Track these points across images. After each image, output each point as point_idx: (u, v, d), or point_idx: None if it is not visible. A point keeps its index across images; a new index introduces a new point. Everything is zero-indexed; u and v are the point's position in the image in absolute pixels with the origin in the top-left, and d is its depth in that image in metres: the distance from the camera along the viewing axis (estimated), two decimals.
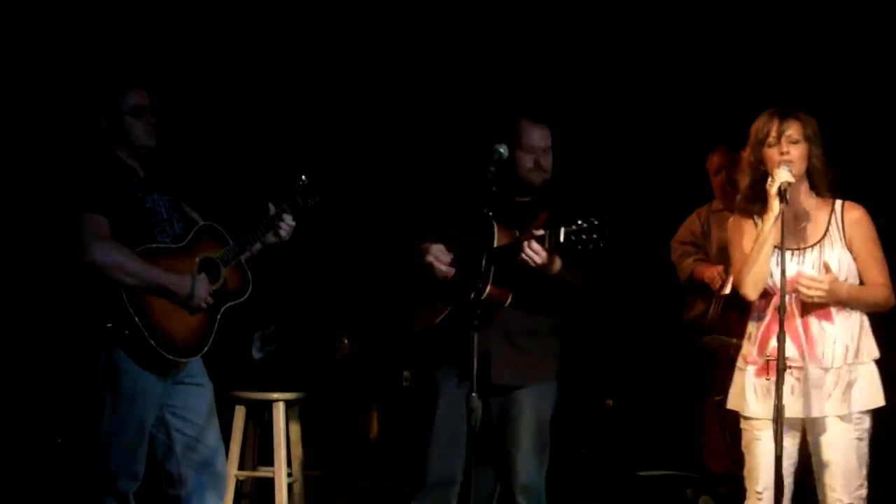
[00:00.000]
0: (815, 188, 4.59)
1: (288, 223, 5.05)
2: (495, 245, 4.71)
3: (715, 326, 6.48)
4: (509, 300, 4.86)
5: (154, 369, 4.77)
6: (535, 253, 4.69)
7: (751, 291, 4.59)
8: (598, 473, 7.16)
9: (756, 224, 4.61)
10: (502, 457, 4.91)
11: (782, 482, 4.36)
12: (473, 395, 4.29)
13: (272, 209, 5.05)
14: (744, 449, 4.64)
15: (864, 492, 4.49)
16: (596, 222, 4.59)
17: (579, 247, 4.60)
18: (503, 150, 4.67)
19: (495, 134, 4.89)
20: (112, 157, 4.89)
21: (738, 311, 6.39)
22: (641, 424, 7.65)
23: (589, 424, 7.42)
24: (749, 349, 4.63)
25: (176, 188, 5.06)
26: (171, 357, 4.76)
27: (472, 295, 4.53)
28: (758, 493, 4.54)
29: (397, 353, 6.45)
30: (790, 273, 4.47)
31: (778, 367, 4.31)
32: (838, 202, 4.60)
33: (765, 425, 4.52)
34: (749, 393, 4.59)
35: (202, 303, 4.83)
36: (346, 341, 6.76)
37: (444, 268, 4.95)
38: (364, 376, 6.51)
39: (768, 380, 4.51)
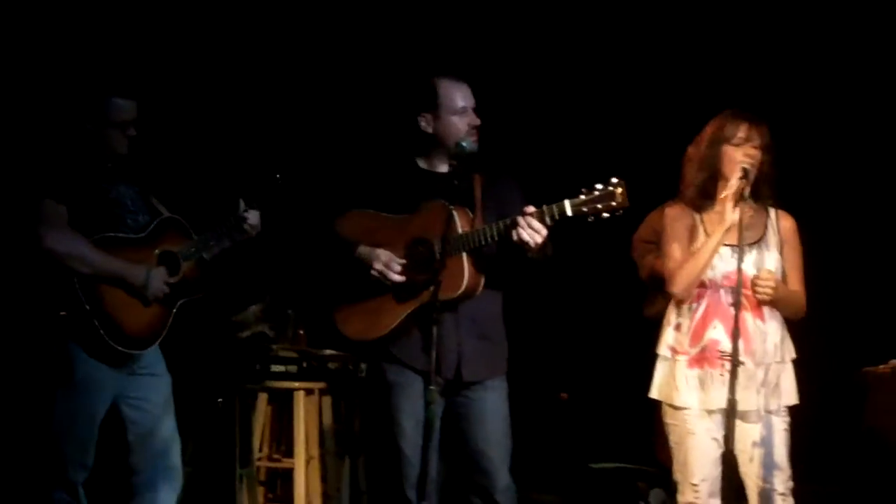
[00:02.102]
0: (754, 194, 4.61)
1: (253, 220, 5.03)
2: (460, 231, 4.51)
3: None
4: (481, 287, 4.63)
5: (107, 360, 4.75)
6: (536, 232, 4.42)
7: (684, 289, 4.63)
8: (552, 466, 7.19)
9: (696, 220, 4.65)
10: (473, 455, 4.68)
11: (734, 475, 4.42)
12: (431, 388, 4.23)
13: (242, 206, 5.04)
14: (674, 443, 4.67)
15: (792, 484, 4.55)
16: (608, 188, 4.38)
17: (590, 219, 4.37)
18: (466, 143, 4.59)
19: (415, 103, 4.73)
20: (81, 149, 4.87)
21: None
22: (595, 418, 7.70)
23: (543, 417, 7.45)
24: (679, 340, 4.64)
25: (145, 181, 5.05)
26: (119, 348, 4.75)
27: (449, 291, 4.45)
28: (694, 485, 4.57)
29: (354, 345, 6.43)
30: (729, 269, 4.53)
31: (733, 362, 4.34)
32: (772, 209, 4.66)
33: (698, 418, 4.56)
34: (681, 383, 4.61)
35: (157, 294, 4.81)
36: (301, 332, 6.75)
37: (397, 277, 4.62)
38: (320, 367, 6.50)
39: (703, 370, 4.56)
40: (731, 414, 4.33)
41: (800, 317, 4.67)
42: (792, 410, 4.64)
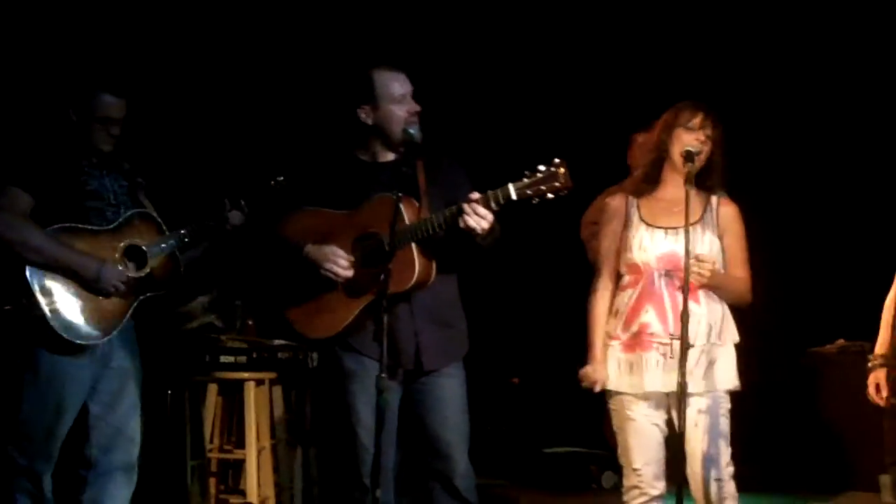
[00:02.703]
0: (700, 183, 4.61)
1: (235, 220, 5.05)
2: (407, 222, 4.50)
3: None
4: (433, 276, 4.61)
5: (68, 351, 4.73)
6: (482, 218, 4.41)
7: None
8: (504, 450, 7.22)
9: (633, 206, 4.68)
10: (432, 440, 4.67)
11: (684, 456, 4.41)
12: (383, 376, 4.20)
13: (227, 206, 5.03)
14: (616, 428, 4.68)
15: (731, 469, 4.55)
16: (551, 169, 4.38)
17: (535, 201, 4.37)
18: (414, 130, 4.58)
19: (353, 96, 4.71)
20: (63, 140, 4.86)
21: None
22: (547, 402, 7.73)
23: (495, 402, 7.47)
24: (614, 324, 4.66)
25: (135, 177, 5.04)
26: (67, 338, 4.73)
27: (401, 284, 4.45)
28: (636, 469, 4.60)
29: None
30: (663, 251, 4.56)
31: (682, 346, 4.34)
32: (714, 196, 4.67)
33: (634, 402, 4.59)
34: (612, 367, 4.63)
35: (111, 287, 4.78)
36: (250, 322, 6.72)
37: (346, 273, 4.60)
38: (270, 357, 6.47)
39: (635, 354, 4.58)
40: (681, 396, 4.33)
41: (744, 303, 4.66)
42: (735, 395, 4.64)
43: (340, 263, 4.59)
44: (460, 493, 4.67)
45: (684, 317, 4.37)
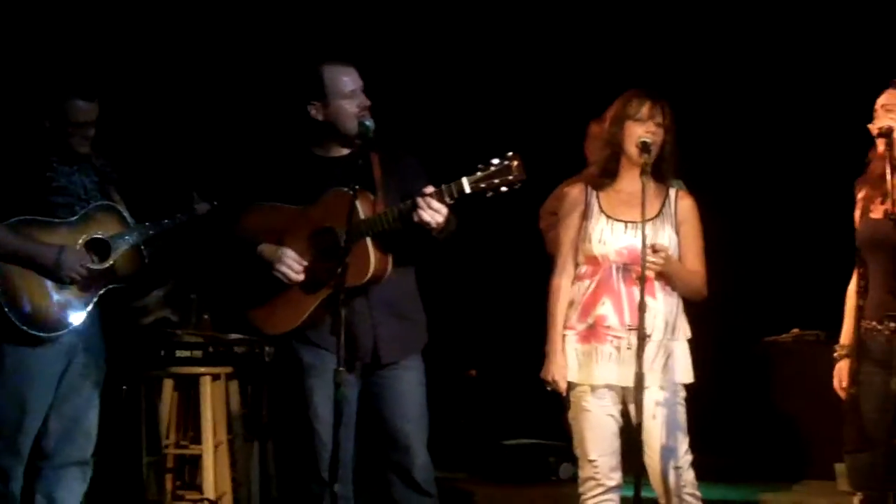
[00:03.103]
0: (656, 173, 4.62)
1: (202, 211, 5.11)
2: (362, 216, 4.49)
3: None
4: (389, 270, 4.61)
5: (31, 344, 4.73)
6: (436, 212, 4.41)
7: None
8: (462, 443, 7.21)
9: (593, 198, 4.68)
10: (391, 432, 4.66)
11: (642, 448, 4.45)
12: (341, 369, 4.20)
13: (195, 198, 5.06)
14: (571, 419, 4.69)
15: (690, 458, 4.58)
16: (504, 162, 4.38)
17: (490, 194, 4.38)
18: (369, 122, 4.55)
19: (303, 93, 4.69)
20: (36, 141, 4.88)
21: None
22: (505, 394, 7.73)
23: (453, 394, 7.47)
24: (569, 315, 4.67)
25: (107, 173, 5.06)
26: (28, 331, 4.73)
27: (356, 278, 4.44)
28: (592, 461, 4.60)
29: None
30: (622, 244, 4.57)
31: (639, 336, 4.36)
32: (673, 189, 4.70)
33: (587, 393, 4.60)
34: (570, 358, 4.64)
35: (72, 273, 4.77)
36: (206, 317, 6.69)
37: (298, 277, 4.58)
38: (226, 351, 6.44)
39: (590, 346, 4.59)
40: (638, 388, 4.34)
41: (699, 297, 4.69)
42: (691, 385, 4.66)
43: (293, 267, 4.59)
44: (419, 486, 4.67)
45: (641, 308, 4.38)
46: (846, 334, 4.76)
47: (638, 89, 4.67)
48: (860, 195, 4.77)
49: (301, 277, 4.59)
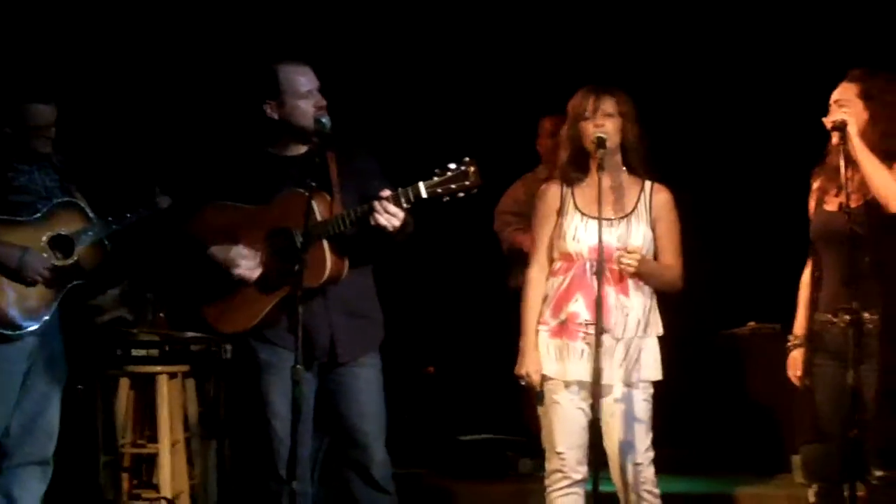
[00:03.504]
0: (627, 165, 4.69)
1: (164, 205, 5.12)
2: (319, 218, 4.49)
3: None
4: (345, 272, 4.62)
5: None
6: (393, 216, 4.44)
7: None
8: (420, 439, 7.21)
9: (567, 195, 4.70)
10: (349, 430, 4.68)
11: (601, 443, 4.46)
12: (299, 367, 4.20)
13: (157, 191, 5.08)
14: (541, 412, 4.72)
15: (651, 454, 4.62)
16: (461, 167, 4.41)
17: (446, 199, 4.42)
18: (325, 120, 4.56)
19: (258, 92, 4.69)
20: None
21: None
22: (463, 390, 7.74)
23: (411, 391, 7.47)
24: (543, 311, 4.69)
25: (69, 170, 5.07)
26: None
27: (313, 280, 4.45)
28: (559, 453, 4.62)
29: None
30: (595, 241, 4.55)
31: (597, 331, 4.38)
32: (648, 182, 4.71)
33: (559, 387, 4.62)
34: (543, 353, 4.66)
35: (34, 275, 4.77)
36: (162, 315, 6.66)
37: (253, 275, 4.58)
38: (182, 350, 6.41)
39: (562, 341, 4.61)
40: (596, 383, 4.36)
41: (674, 290, 4.73)
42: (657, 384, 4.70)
43: (248, 265, 4.59)
44: (377, 483, 4.68)
45: (598, 303, 4.40)
46: (799, 324, 4.79)
47: (586, 87, 4.71)
48: (815, 185, 4.80)
49: (257, 274, 4.58)
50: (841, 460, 4.47)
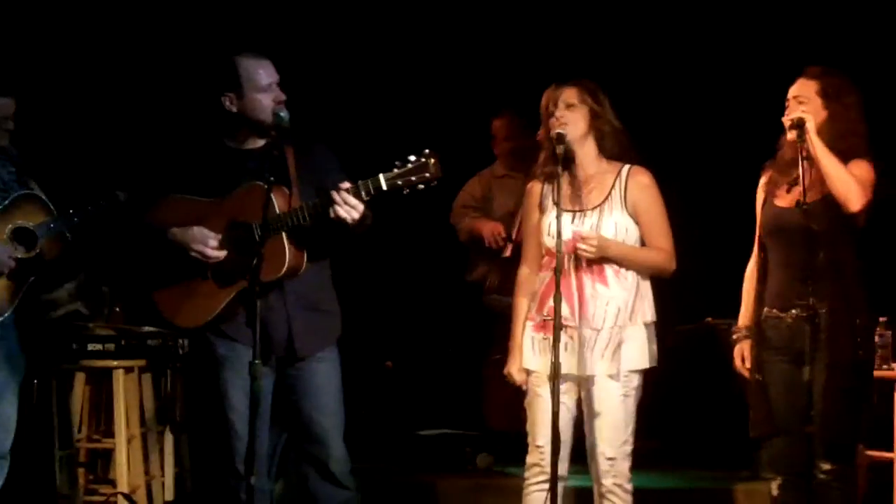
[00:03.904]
0: (604, 152, 4.68)
1: (124, 197, 5.08)
2: (278, 211, 4.48)
3: (496, 287, 6.61)
4: (304, 265, 4.60)
5: None
6: (352, 208, 4.43)
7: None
8: (379, 434, 7.21)
9: (548, 192, 4.70)
10: (307, 424, 4.67)
11: (559, 437, 4.40)
12: (257, 362, 4.18)
13: (121, 197, 5.05)
14: (526, 405, 4.72)
15: (628, 448, 4.60)
16: (421, 160, 4.40)
17: (406, 191, 4.39)
18: (284, 114, 4.53)
19: (217, 84, 4.67)
20: None
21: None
22: (421, 385, 7.75)
23: (369, 385, 7.47)
24: (531, 306, 4.70)
25: (26, 163, 5.05)
26: None
27: (271, 273, 4.43)
28: (538, 446, 4.62)
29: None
30: (569, 235, 4.56)
31: (555, 325, 4.37)
32: (626, 167, 4.67)
33: (543, 381, 4.60)
34: (527, 347, 4.67)
35: (3, 268, 4.74)
36: (118, 309, 6.62)
37: (215, 253, 4.55)
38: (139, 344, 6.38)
39: (545, 338, 4.60)
40: (554, 376, 4.33)
41: (667, 273, 4.68)
42: (650, 372, 4.68)
43: (209, 244, 4.55)
44: (336, 478, 4.67)
45: (556, 299, 4.38)
46: (744, 316, 4.80)
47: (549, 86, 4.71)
48: (764, 179, 4.81)
49: (218, 254, 4.55)
50: (802, 454, 4.49)
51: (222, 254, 4.56)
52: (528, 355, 4.68)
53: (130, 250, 4.79)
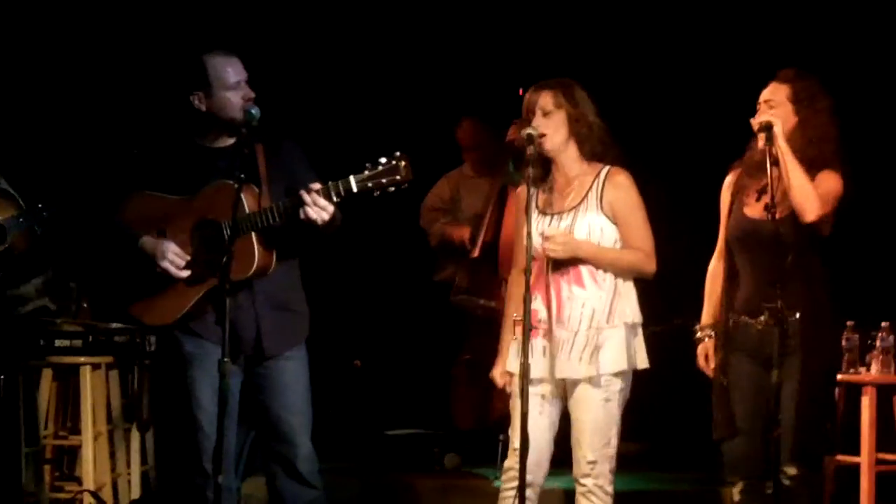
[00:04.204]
0: (585, 154, 4.63)
1: None
2: (247, 210, 4.47)
3: (464, 287, 6.62)
4: (273, 265, 4.59)
5: None
6: (322, 209, 4.42)
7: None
8: (347, 433, 7.20)
9: (531, 196, 4.67)
10: (274, 423, 4.65)
11: (527, 438, 4.33)
12: (225, 360, 4.20)
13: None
14: (510, 407, 4.64)
15: (609, 450, 4.53)
16: (392, 162, 4.39)
17: (376, 193, 4.39)
18: (255, 111, 4.52)
19: (186, 82, 4.64)
20: None
21: (487, 272, 6.56)
22: (389, 384, 7.75)
23: (337, 385, 7.46)
24: (517, 309, 4.62)
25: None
26: None
27: (240, 272, 4.42)
28: (514, 449, 4.53)
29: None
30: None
31: (524, 326, 4.35)
32: (605, 168, 4.62)
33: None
34: (513, 349, 4.62)
35: None
36: (85, 305, 6.59)
37: (181, 273, 4.54)
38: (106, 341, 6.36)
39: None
40: (523, 376, 4.30)
41: (646, 274, 4.60)
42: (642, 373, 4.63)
43: (176, 262, 4.55)
44: (303, 477, 4.66)
45: (526, 297, 4.37)
46: (707, 315, 4.81)
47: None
48: (731, 179, 4.80)
49: (184, 274, 4.55)
50: (764, 457, 4.50)
51: (185, 273, 4.55)
52: (511, 357, 4.63)
53: (99, 248, 4.77)
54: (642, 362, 4.61)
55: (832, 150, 4.64)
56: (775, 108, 4.64)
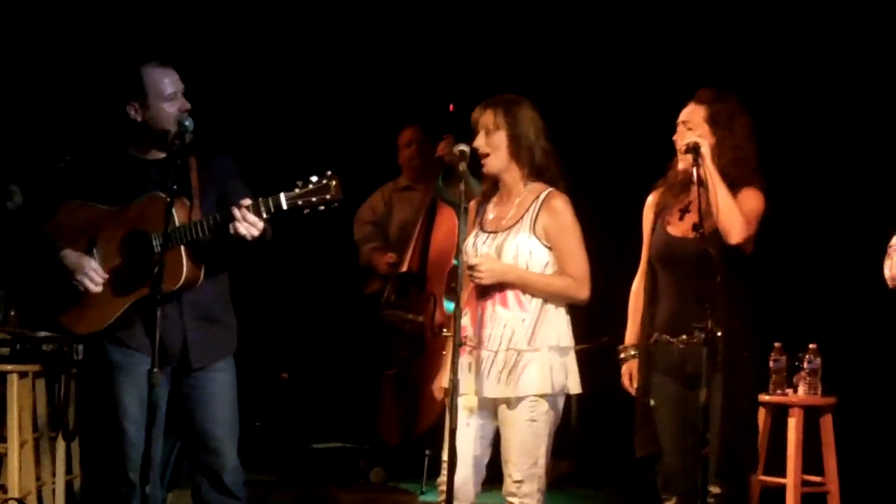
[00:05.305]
0: (528, 175, 4.61)
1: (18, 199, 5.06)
2: (178, 223, 4.47)
3: (392, 302, 6.65)
4: (201, 278, 4.60)
5: None
6: (252, 225, 4.42)
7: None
8: (273, 446, 7.21)
9: (479, 213, 4.71)
10: (201, 435, 4.64)
11: (455, 454, 4.30)
12: (154, 370, 4.20)
13: (14, 189, 4.98)
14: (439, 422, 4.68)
15: (537, 470, 4.50)
16: (322, 181, 4.41)
17: (306, 211, 4.41)
18: (188, 122, 4.54)
19: (122, 93, 4.63)
20: None
21: (415, 287, 6.60)
22: (316, 397, 7.75)
23: (264, 397, 7.46)
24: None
25: None
26: None
27: (168, 284, 4.42)
28: (444, 462, 4.48)
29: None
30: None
31: (454, 342, 4.35)
32: (546, 191, 4.59)
33: (461, 400, 4.51)
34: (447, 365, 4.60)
35: None
36: (13, 313, 6.55)
37: (95, 289, 4.52)
38: (34, 349, 6.32)
39: (462, 356, 4.56)
40: (452, 393, 4.28)
41: (577, 300, 4.56)
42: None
43: (94, 279, 4.54)
44: (228, 489, 4.66)
45: (456, 317, 4.38)
46: (631, 335, 4.84)
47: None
48: (653, 199, 4.83)
49: (100, 290, 4.54)
50: (695, 474, 4.48)
51: (100, 289, 4.55)
52: (445, 373, 4.59)
53: (25, 256, 4.75)
54: (574, 387, 4.58)
55: (751, 168, 4.69)
56: (693, 130, 4.66)
